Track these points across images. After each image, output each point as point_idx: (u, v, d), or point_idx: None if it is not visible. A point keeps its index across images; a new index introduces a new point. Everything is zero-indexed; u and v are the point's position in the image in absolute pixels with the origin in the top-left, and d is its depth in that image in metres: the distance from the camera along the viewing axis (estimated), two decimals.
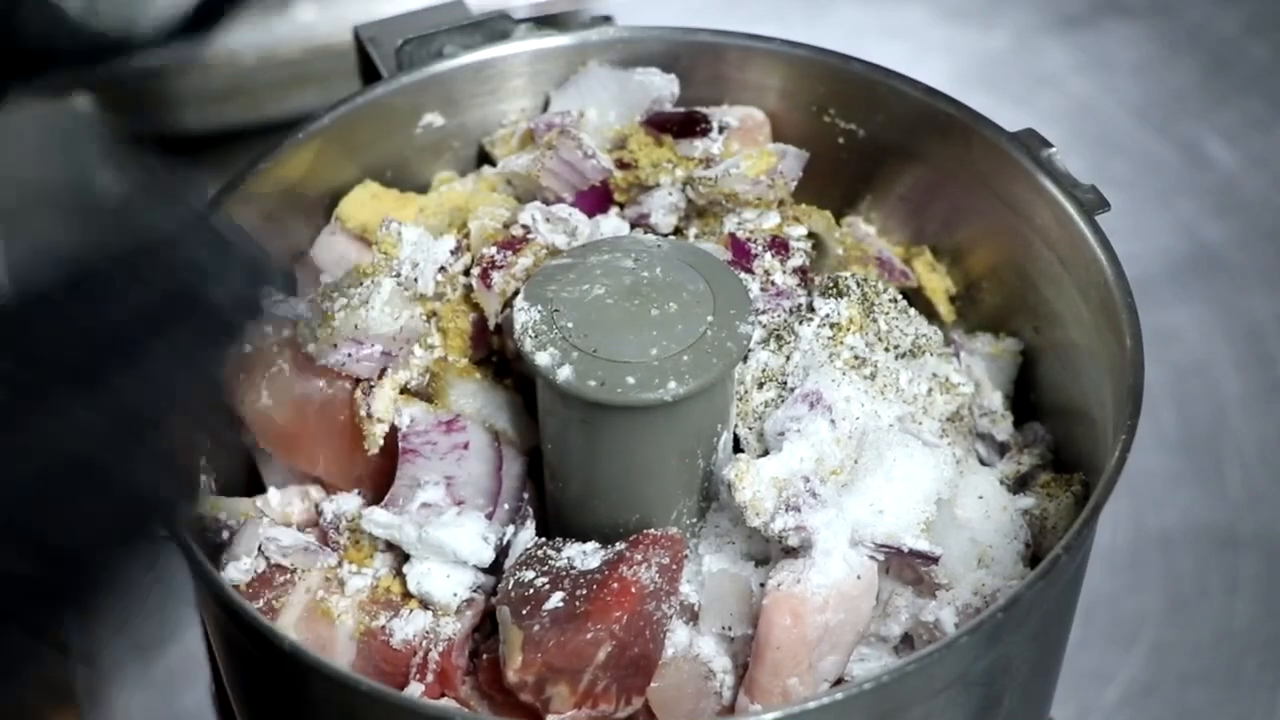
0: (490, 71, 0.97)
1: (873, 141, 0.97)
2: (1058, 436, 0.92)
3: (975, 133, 0.92)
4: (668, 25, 0.99)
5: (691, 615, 0.83)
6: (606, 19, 1.00)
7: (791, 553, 0.81)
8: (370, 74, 0.99)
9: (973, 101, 0.93)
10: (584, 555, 0.82)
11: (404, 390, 0.89)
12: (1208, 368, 1.32)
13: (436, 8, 1.00)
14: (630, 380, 0.79)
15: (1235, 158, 1.49)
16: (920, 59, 1.52)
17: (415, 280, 0.89)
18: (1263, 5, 1.63)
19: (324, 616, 0.83)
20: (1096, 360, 0.86)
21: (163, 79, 1.47)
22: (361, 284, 0.88)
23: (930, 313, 0.96)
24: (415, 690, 0.81)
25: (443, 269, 0.90)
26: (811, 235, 0.94)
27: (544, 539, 0.84)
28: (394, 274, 0.88)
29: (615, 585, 0.79)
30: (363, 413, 0.87)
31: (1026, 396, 0.95)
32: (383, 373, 0.88)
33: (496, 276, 0.88)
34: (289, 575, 0.85)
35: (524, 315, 0.81)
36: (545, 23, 0.99)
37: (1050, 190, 0.88)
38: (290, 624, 0.83)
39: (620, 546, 0.82)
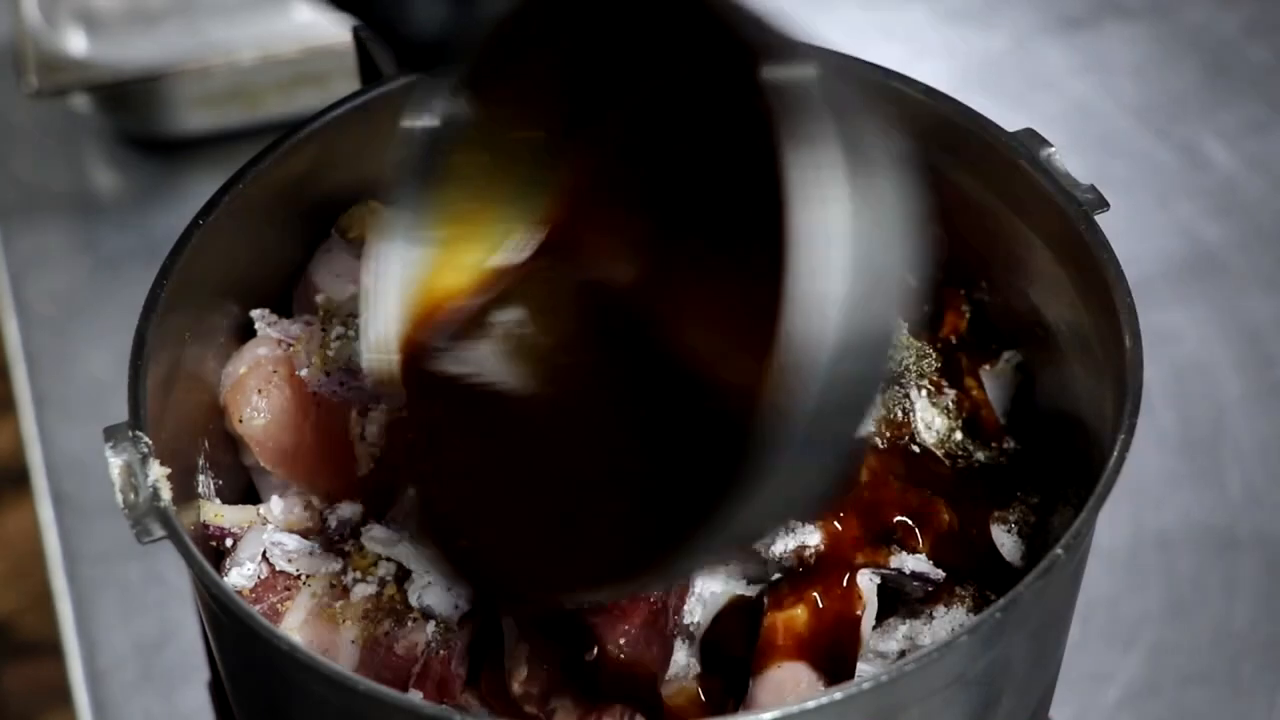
0: None
1: None
2: (1056, 440, 0.92)
3: (974, 133, 0.92)
4: None
5: (688, 635, 0.83)
6: None
7: (790, 573, 0.81)
8: (370, 73, 0.99)
9: (972, 102, 0.93)
10: None
11: None
12: (1207, 368, 1.32)
13: None
14: None
15: (1234, 159, 1.49)
16: (920, 60, 1.52)
17: None
18: (1262, 7, 1.63)
19: (329, 621, 0.83)
20: (1096, 361, 0.86)
21: (163, 79, 1.47)
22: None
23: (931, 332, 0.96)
24: (414, 697, 0.81)
25: None
26: None
27: None
28: None
29: (624, 600, 0.79)
30: (356, 433, 0.87)
31: (1025, 399, 0.95)
32: (378, 401, 0.88)
33: None
34: (294, 580, 0.85)
35: None
36: None
37: (1049, 190, 0.88)
38: (295, 627, 0.83)
39: None
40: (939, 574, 0.81)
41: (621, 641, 0.76)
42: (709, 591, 0.84)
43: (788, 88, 0.61)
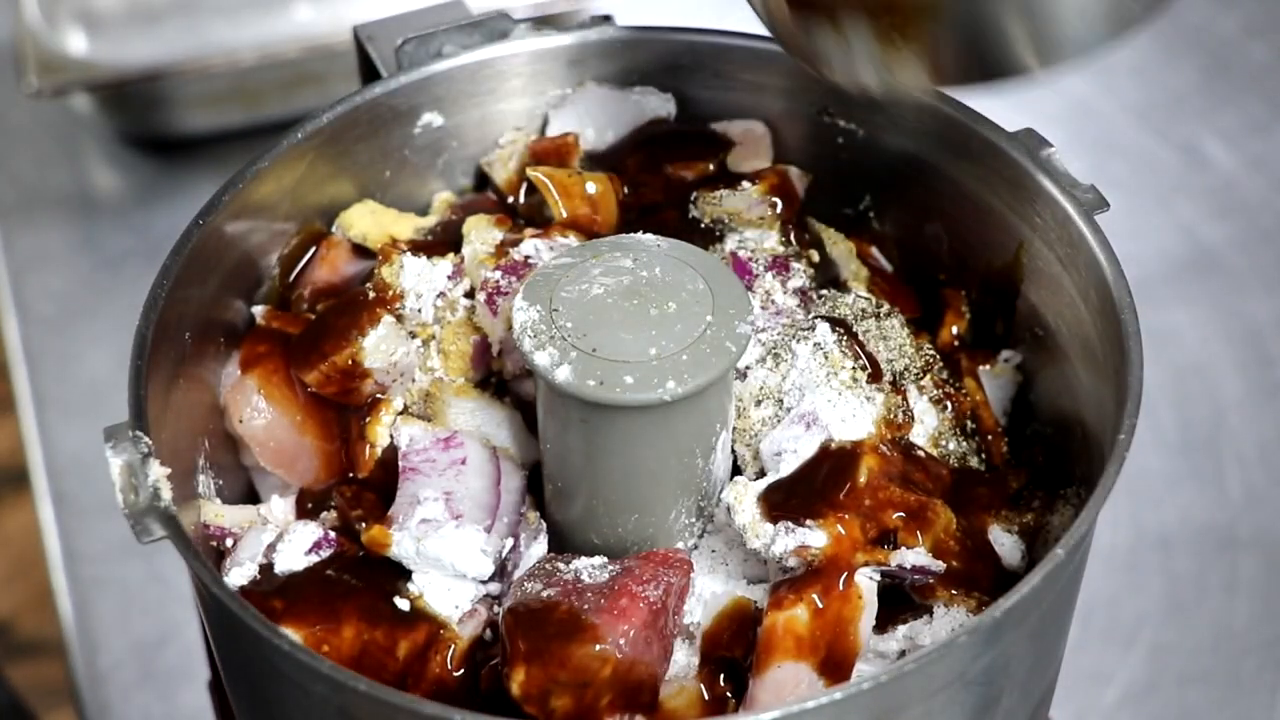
0: (489, 71, 0.97)
1: (872, 142, 0.97)
2: (1055, 440, 0.93)
3: (975, 132, 0.92)
4: (668, 25, 0.99)
5: (688, 635, 0.83)
6: (606, 19, 1.00)
7: (791, 572, 0.81)
8: (369, 73, 0.99)
9: (972, 101, 0.93)
10: (592, 569, 0.82)
11: (403, 411, 0.89)
12: (1207, 369, 1.33)
13: (436, 7, 1.00)
14: (629, 380, 0.79)
15: (1234, 159, 1.49)
16: None
17: (420, 311, 0.89)
18: (1262, 7, 1.63)
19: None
20: (1096, 361, 0.86)
21: (163, 79, 1.47)
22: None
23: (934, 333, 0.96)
24: (414, 697, 0.81)
25: (442, 294, 0.90)
26: (821, 258, 0.94)
27: (553, 554, 0.84)
28: (399, 307, 0.89)
29: (624, 600, 0.79)
30: (354, 434, 0.87)
31: (1025, 399, 0.95)
32: (377, 402, 0.88)
33: (501, 302, 0.88)
34: None
35: (523, 315, 0.81)
36: (544, 22, 0.99)
37: (1050, 190, 0.88)
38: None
39: (629, 562, 0.82)
40: (939, 565, 0.81)
41: (621, 641, 0.77)
42: (709, 592, 0.84)
43: None
